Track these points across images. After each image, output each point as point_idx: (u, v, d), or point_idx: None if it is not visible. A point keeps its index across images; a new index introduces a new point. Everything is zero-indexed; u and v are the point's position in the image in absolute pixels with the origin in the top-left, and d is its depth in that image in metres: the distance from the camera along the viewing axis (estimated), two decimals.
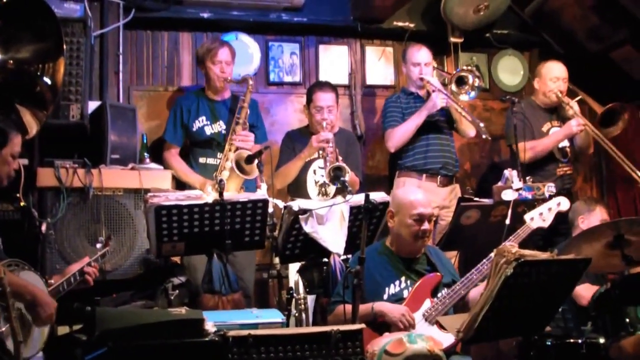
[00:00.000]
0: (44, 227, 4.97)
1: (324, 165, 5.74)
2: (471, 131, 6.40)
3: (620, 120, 6.48)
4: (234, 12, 6.62)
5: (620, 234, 4.59)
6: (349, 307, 4.16)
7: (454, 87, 6.37)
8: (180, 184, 5.74)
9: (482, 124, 6.12)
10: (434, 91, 6.21)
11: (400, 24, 7.08)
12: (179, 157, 5.93)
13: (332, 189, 5.88)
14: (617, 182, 7.51)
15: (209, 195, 4.82)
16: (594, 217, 5.63)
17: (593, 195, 7.49)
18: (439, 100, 6.12)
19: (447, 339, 4.24)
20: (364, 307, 4.30)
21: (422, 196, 4.77)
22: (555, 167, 6.50)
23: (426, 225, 4.64)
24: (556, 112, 6.69)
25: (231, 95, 6.07)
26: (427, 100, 6.26)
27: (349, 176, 5.38)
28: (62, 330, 4.38)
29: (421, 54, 6.41)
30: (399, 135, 6.22)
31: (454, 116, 6.38)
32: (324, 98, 6.04)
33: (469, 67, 6.47)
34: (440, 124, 6.38)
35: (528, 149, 6.18)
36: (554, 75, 6.57)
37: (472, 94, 6.36)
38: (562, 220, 5.75)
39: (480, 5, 6.96)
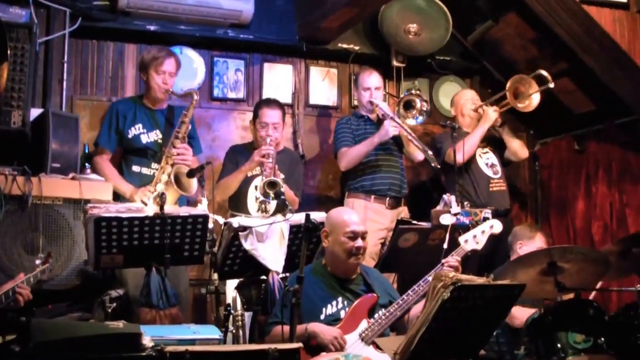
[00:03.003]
0: None
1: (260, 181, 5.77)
2: (419, 154, 6.46)
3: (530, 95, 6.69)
4: (180, 26, 6.60)
5: (553, 261, 4.68)
6: (286, 328, 4.18)
7: (401, 110, 6.44)
8: (115, 195, 5.65)
9: (430, 152, 6.20)
10: (384, 117, 6.28)
11: (345, 45, 7.17)
12: (109, 163, 5.84)
13: (272, 205, 5.90)
14: (552, 210, 7.67)
15: (142, 204, 4.80)
16: (532, 244, 5.69)
17: (527, 222, 7.62)
18: (391, 129, 6.17)
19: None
20: (299, 328, 4.30)
21: (354, 215, 4.86)
22: (487, 184, 6.62)
23: (360, 242, 4.69)
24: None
25: (168, 106, 6.02)
26: (379, 126, 6.32)
27: (283, 189, 5.45)
28: None
29: (371, 79, 6.52)
30: (350, 157, 6.32)
31: (403, 140, 6.46)
32: (270, 115, 6.09)
33: (417, 92, 6.55)
34: (390, 145, 6.47)
35: (457, 152, 6.26)
36: (467, 97, 6.89)
37: (420, 118, 6.47)
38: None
39: (411, 28, 7.10)
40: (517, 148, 6.82)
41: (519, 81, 6.69)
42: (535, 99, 6.70)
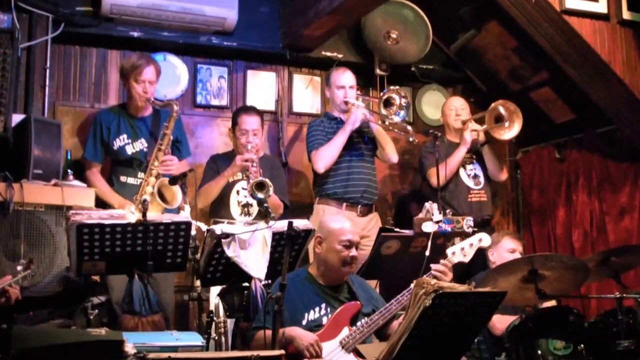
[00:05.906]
0: None
1: (247, 185, 5.75)
2: (394, 156, 6.47)
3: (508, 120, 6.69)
4: (164, 32, 6.60)
5: (534, 269, 4.71)
6: (268, 332, 4.18)
7: (383, 110, 6.36)
8: (100, 203, 5.64)
9: (409, 127, 6.31)
10: (364, 116, 6.30)
11: (328, 53, 7.17)
12: (100, 175, 5.85)
13: (254, 209, 5.91)
14: (533, 217, 7.71)
15: (131, 215, 4.79)
16: (501, 248, 5.75)
17: (509, 229, 7.65)
18: (359, 114, 6.21)
19: None
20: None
21: (349, 223, 4.86)
22: (467, 194, 6.63)
23: (354, 252, 4.71)
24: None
25: (152, 112, 6.00)
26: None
27: (272, 191, 5.46)
28: None
29: (345, 77, 6.48)
30: (325, 154, 6.24)
31: (378, 140, 6.45)
32: (249, 122, 6.08)
33: (393, 87, 6.49)
34: (364, 151, 6.45)
35: (436, 175, 6.23)
36: (453, 105, 6.86)
37: (402, 113, 6.36)
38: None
39: (392, 34, 7.14)
40: (493, 172, 6.82)
41: (503, 105, 6.69)
42: (515, 129, 6.69)
